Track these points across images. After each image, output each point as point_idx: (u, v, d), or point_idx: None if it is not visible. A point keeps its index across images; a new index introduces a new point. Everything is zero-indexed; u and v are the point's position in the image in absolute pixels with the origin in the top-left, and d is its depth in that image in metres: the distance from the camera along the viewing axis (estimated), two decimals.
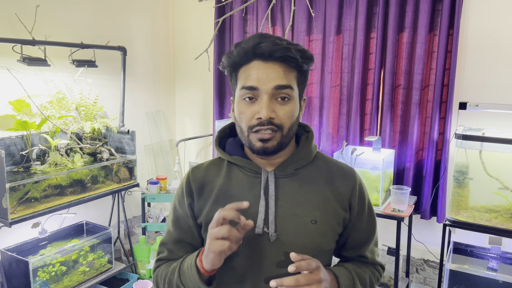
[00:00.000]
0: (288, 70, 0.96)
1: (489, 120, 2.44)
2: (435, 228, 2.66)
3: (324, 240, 1.01)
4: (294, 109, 0.98)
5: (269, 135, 0.95)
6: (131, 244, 2.90)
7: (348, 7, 2.69)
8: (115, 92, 2.92)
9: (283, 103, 0.96)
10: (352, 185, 1.06)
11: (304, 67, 0.98)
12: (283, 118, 0.95)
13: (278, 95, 0.95)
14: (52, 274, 2.25)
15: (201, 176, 1.07)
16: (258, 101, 0.95)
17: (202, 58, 2.92)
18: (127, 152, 2.68)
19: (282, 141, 0.97)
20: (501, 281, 2.14)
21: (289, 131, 0.98)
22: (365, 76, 2.70)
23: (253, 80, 0.95)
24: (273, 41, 0.95)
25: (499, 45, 2.38)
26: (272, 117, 0.94)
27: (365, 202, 1.10)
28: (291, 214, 1.00)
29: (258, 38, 0.96)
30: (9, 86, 2.33)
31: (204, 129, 3.50)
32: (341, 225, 1.05)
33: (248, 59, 0.97)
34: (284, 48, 0.94)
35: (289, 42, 0.97)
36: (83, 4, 2.72)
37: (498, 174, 2.20)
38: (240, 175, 1.05)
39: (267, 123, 0.94)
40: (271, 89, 0.94)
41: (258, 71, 0.95)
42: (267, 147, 0.96)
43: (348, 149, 2.51)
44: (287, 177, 1.03)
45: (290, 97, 0.96)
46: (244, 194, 1.02)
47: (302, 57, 0.96)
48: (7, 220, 2.03)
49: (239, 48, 0.97)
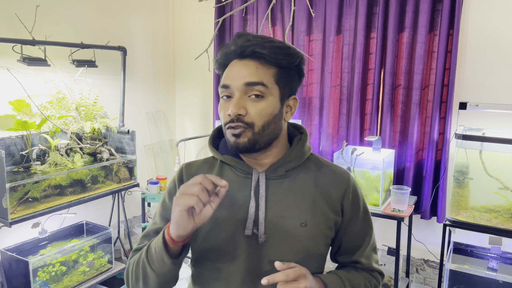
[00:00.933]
0: (264, 67, 0.95)
1: (489, 120, 2.44)
2: (435, 228, 2.66)
3: (313, 243, 1.00)
4: (268, 107, 0.95)
5: (239, 131, 0.95)
6: (131, 244, 2.90)
7: (348, 7, 2.69)
8: (115, 92, 2.92)
9: (255, 100, 0.95)
10: (344, 188, 1.05)
11: (283, 63, 0.96)
12: (254, 115, 0.94)
13: (250, 92, 0.95)
14: (52, 274, 2.25)
15: (193, 173, 1.07)
16: (232, 99, 0.96)
17: (202, 58, 2.92)
18: (127, 152, 2.68)
19: (255, 139, 0.95)
20: (501, 281, 2.14)
21: (264, 129, 0.96)
22: (365, 76, 2.70)
23: (227, 78, 0.97)
24: (247, 38, 0.95)
25: (499, 45, 2.38)
26: (240, 113, 0.94)
27: (359, 205, 1.07)
28: (280, 216, 0.99)
29: (235, 37, 0.98)
30: (9, 86, 2.33)
31: (204, 129, 3.50)
32: (332, 229, 1.04)
33: (229, 59, 0.99)
34: (255, 45, 0.94)
35: (268, 39, 0.96)
36: (83, 4, 2.72)
37: (498, 174, 2.20)
38: (231, 175, 1.04)
39: (236, 120, 0.94)
40: (241, 86, 0.94)
41: (232, 69, 0.97)
42: (238, 142, 0.96)
43: (348, 149, 2.51)
44: (277, 179, 1.03)
45: (264, 94, 0.95)
46: (234, 194, 1.01)
47: (278, 53, 0.95)
48: (7, 220, 2.03)
49: (223, 49, 0.99)
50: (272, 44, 0.95)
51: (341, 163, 2.44)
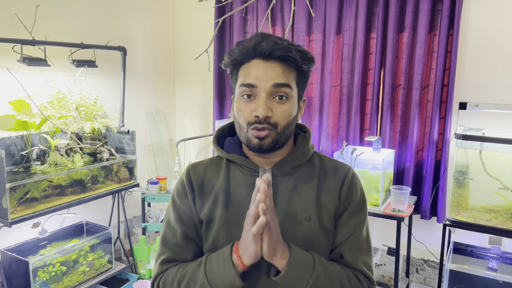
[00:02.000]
0: (288, 69, 0.98)
1: (489, 120, 2.44)
2: (435, 228, 2.66)
3: (318, 238, 1.01)
4: (291, 109, 0.99)
5: (264, 134, 0.96)
6: (131, 244, 2.90)
7: (348, 7, 2.69)
8: (115, 92, 2.92)
9: (281, 102, 0.97)
10: (342, 178, 1.05)
11: (304, 67, 0.99)
12: (279, 117, 0.97)
13: (276, 94, 0.96)
14: (52, 274, 2.25)
15: (200, 174, 1.08)
16: (256, 99, 0.97)
17: (202, 58, 2.92)
18: (127, 152, 2.68)
19: (277, 139, 0.98)
20: (501, 281, 2.14)
21: (284, 130, 0.99)
22: (365, 76, 2.70)
23: (252, 77, 0.97)
24: (273, 41, 0.96)
25: (499, 45, 2.38)
26: (268, 115, 0.95)
27: (354, 197, 1.05)
28: (286, 212, 1.01)
29: (259, 37, 0.97)
30: (9, 86, 2.33)
31: (204, 129, 3.50)
32: (333, 223, 1.04)
33: (249, 57, 0.98)
34: (284, 48, 0.96)
35: (290, 43, 0.98)
36: (83, 4, 2.72)
37: (498, 174, 2.20)
38: (238, 173, 1.05)
39: (263, 121, 0.95)
40: (270, 87, 0.96)
41: (257, 69, 0.97)
42: (262, 144, 0.97)
43: (348, 149, 2.51)
44: (284, 176, 1.04)
45: (288, 96, 0.98)
46: (242, 192, 1.03)
47: (302, 57, 0.97)
48: (7, 220, 2.03)
49: (241, 47, 0.99)
50: (297, 48, 0.98)
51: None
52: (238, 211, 1.01)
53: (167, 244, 1.06)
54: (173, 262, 1.05)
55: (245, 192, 1.03)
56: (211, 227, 1.03)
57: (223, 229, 1.01)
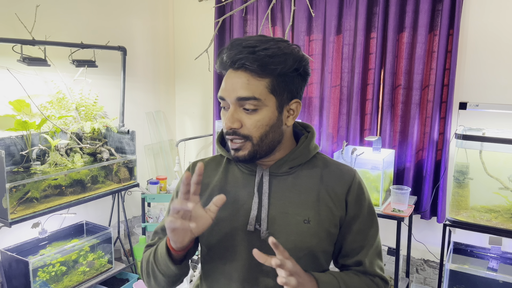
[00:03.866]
0: (255, 78, 0.93)
1: (489, 120, 2.44)
2: (435, 228, 2.66)
3: (317, 240, 0.99)
4: (263, 118, 0.95)
5: (237, 145, 0.97)
6: (131, 244, 2.90)
7: (348, 7, 2.69)
8: (115, 92, 2.92)
9: (250, 112, 0.95)
10: (349, 183, 1.04)
11: (276, 72, 0.93)
12: (250, 128, 0.95)
13: (243, 105, 0.95)
14: (52, 274, 2.25)
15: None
16: (228, 111, 0.97)
17: (202, 58, 2.92)
18: (127, 152, 2.68)
19: (254, 150, 0.97)
20: (501, 281, 2.14)
21: (262, 140, 0.96)
22: (365, 76, 2.70)
23: (222, 90, 0.97)
24: (238, 50, 0.93)
25: (499, 45, 2.38)
26: (235, 127, 0.95)
27: (364, 203, 1.05)
28: (283, 212, 1.00)
29: (229, 46, 0.95)
30: (9, 86, 2.33)
31: (204, 129, 3.50)
32: (337, 227, 1.03)
33: (225, 68, 0.98)
34: (245, 57, 0.91)
35: (263, 46, 0.92)
36: (83, 4, 2.72)
37: (498, 174, 2.20)
38: (236, 172, 1.06)
39: (232, 133, 0.96)
40: (234, 100, 0.95)
41: (226, 81, 0.97)
42: (237, 156, 0.98)
43: (348, 149, 2.51)
44: (282, 175, 1.03)
45: (257, 107, 0.94)
46: (238, 190, 1.03)
47: (268, 63, 0.91)
48: (7, 220, 2.03)
49: (219, 57, 0.99)
50: (266, 52, 0.91)
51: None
52: (232, 209, 1.01)
53: (156, 231, 1.12)
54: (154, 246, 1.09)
55: (241, 190, 1.03)
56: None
57: (217, 226, 1.01)
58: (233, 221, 1.00)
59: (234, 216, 1.01)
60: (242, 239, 0.99)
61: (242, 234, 0.99)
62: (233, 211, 1.01)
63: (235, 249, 1.00)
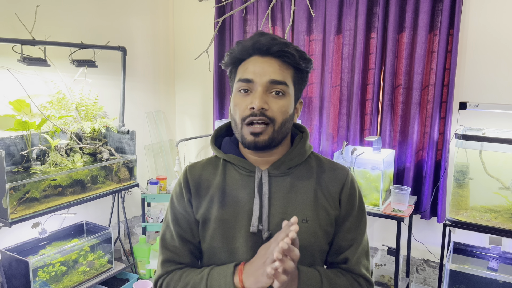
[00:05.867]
0: (285, 66, 0.99)
1: (489, 120, 2.44)
2: (435, 228, 2.66)
3: (314, 239, 1.01)
4: (288, 105, 0.99)
5: (260, 129, 0.96)
6: (131, 244, 2.90)
7: (348, 7, 2.69)
8: (115, 92, 2.92)
9: (277, 97, 0.98)
10: (342, 182, 1.06)
11: (301, 65, 1.00)
12: (276, 111, 0.97)
13: (272, 89, 0.97)
14: (52, 274, 2.25)
15: (197, 174, 1.08)
16: (253, 93, 0.97)
17: (202, 58, 2.92)
18: (127, 152, 2.68)
19: (273, 136, 0.98)
20: (501, 281, 2.14)
21: (281, 127, 0.99)
22: (365, 76, 2.70)
23: (249, 73, 0.98)
24: (271, 37, 0.98)
25: (499, 45, 2.38)
26: (264, 108, 0.96)
27: (355, 202, 1.06)
28: (283, 212, 1.01)
29: (258, 35, 0.99)
30: (9, 86, 2.33)
31: (204, 129, 3.50)
32: (333, 226, 1.04)
33: (248, 54, 1.00)
34: (282, 43, 0.97)
35: (289, 42, 1.00)
36: (83, 4, 2.72)
37: (498, 174, 2.20)
38: (235, 173, 1.06)
39: (260, 114, 0.95)
40: (266, 83, 0.96)
41: (255, 65, 0.98)
42: (257, 141, 0.97)
43: (348, 149, 2.51)
44: (280, 176, 1.04)
45: (285, 93, 0.98)
46: (238, 192, 1.03)
47: (299, 55, 0.99)
48: (7, 220, 2.03)
49: (240, 45, 1.00)
50: (295, 47, 0.99)
51: (341, 163, 2.44)
52: (233, 211, 1.01)
53: (165, 245, 1.08)
54: (172, 262, 1.07)
55: (241, 191, 1.03)
56: (207, 227, 1.03)
57: (219, 229, 1.01)
58: (235, 223, 1.01)
59: (236, 218, 1.01)
60: (245, 241, 1.00)
61: (245, 236, 1.00)
62: (234, 213, 1.01)
63: (238, 251, 1.00)
